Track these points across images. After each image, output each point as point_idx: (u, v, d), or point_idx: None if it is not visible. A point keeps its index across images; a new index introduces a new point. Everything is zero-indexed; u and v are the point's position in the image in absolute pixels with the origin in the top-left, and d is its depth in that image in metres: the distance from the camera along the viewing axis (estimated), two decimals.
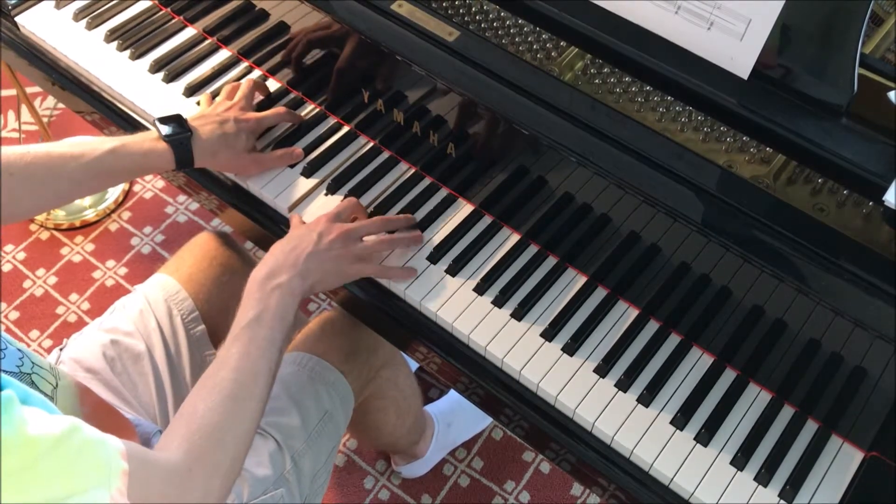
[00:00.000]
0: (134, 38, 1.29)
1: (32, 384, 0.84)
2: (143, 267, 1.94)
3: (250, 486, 1.00)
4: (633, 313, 1.02)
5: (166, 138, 1.03)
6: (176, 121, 1.05)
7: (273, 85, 1.24)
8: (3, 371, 0.80)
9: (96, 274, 1.94)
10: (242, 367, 0.88)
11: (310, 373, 1.12)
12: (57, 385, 0.89)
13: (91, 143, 0.99)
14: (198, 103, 1.21)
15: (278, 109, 1.17)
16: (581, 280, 1.05)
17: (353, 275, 1.02)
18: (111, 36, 1.30)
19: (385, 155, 1.16)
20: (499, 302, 1.03)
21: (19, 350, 0.85)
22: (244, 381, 0.87)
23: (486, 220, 1.10)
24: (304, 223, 1.04)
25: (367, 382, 1.22)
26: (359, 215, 1.07)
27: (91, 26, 1.31)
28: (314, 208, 1.11)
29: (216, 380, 0.87)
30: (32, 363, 0.86)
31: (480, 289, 1.04)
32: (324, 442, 1.10)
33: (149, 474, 0.73)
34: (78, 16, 1.32)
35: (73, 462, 0.65)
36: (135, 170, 1.04)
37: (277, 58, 1.22)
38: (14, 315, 1.87)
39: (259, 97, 1.20)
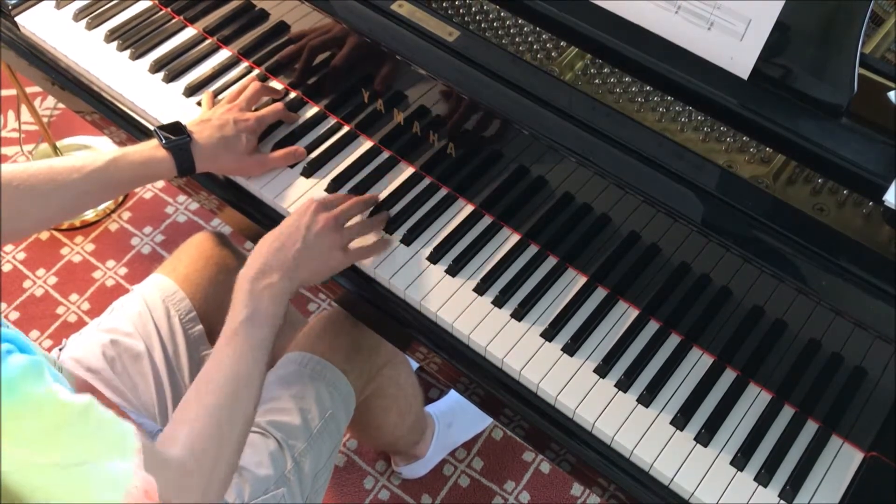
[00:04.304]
0: (134, 38, 1.29)
1: None
2: (143, 267, 1.94)
3: (251, 485, 1.00)
4: (633, 313, 1.02)
5: (165, 145, 1.03)
6: (175, 127, 1.06)
7: (272, 85, 1.24)
8: None
9: (96, 274, 1.94)
10: (237, 370, 0.89)
11: (311, 372, 1.12)
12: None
13: (92, 155, 1.01)
14: (198, 103, 1.21)
15: (276, 106, 1.17)
16: (581, 280, 1.05)
17: (338, 267, 1.03)
18: (111, 36, 1.30)
19: (385, 155, 1.16)
20: (499, 302, 1.03)
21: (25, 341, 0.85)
22: (238, 384, 0.88)
23: (486, 220, 1.10)
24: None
25: (368, 381, 1.22)
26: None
27: (91, 26, 1.31)
28: None
29: (213, 383, 0.88)
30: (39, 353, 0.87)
31: (480, 289, 1.04)
32: (325, 441, 1.10)
33: (154, 465, 0.74)
34: (78, 16, 1.32)
35: (94, 433, 0.68)
36: (137, 179, 1.05)
37: (277, 58, 1.22)
38: (14, 315, 1.87)
39: (265, 100, 1.20)
